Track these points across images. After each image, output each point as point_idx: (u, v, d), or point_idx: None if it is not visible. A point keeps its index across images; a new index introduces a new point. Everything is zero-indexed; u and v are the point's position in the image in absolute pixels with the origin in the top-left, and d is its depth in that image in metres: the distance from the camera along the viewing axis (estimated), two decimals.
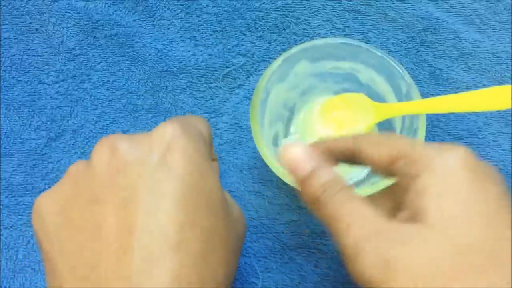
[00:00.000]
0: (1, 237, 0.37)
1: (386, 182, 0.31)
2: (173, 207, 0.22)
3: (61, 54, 0.41)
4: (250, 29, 0.42)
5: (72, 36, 0.42)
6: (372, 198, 0.28)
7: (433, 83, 0.40)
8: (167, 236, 0.22)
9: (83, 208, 0.23)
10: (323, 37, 0.41)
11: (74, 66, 0.41)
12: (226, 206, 0.25)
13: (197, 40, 0.41)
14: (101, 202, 0.23)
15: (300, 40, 0.41)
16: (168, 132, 0.24)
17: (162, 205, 0.22)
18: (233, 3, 0.42)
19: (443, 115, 0.38)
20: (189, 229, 0.22)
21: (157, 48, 0.41)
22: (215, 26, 0.42)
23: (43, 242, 0.24)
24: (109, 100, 0.40)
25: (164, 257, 0.21)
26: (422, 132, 0.32)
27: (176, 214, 0.22)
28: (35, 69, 0.41)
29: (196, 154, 0.24)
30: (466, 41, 0.41)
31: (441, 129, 0.38)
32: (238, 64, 0.41)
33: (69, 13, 0.42)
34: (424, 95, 0.39)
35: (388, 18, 0.42)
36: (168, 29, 0.42)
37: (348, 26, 0.41)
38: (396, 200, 0.25)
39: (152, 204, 0.22)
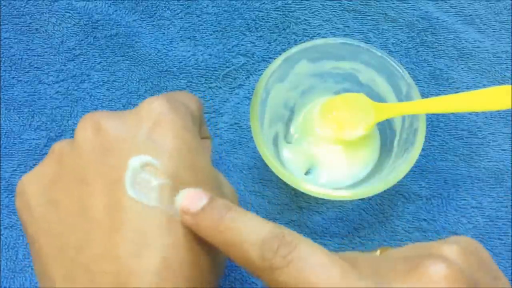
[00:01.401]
0: (1, 237, 0.37)
1: (386, 184, 0.31)
2: None
3: (61, 54, 0.41)
4: (250, 29, 0.42)
5: (72, 36, 0.42)
6: None
7: (433, 83, 0.40)
8: (156, 215, 0.21)
9: (69, 188, 0.22)
10: (323, 37, 0.41)
11: (74, 66, 0.41)
12: (217, 185, 0.25)
13: (197, 40, 0.41)
14: (88, 181, 0.22)
15: (300, 40, 0.41)
16: (155, 108, 0.23)
17: None
18: (233, 3, 0.42)
19: (443, 115, 0.38)
20: None
21: (157, 48, 0.41)
22: (215, 26, 0.42)
23: (28, 224, 0.23)
24: (109, 100, 0.40)
25: (154, 237, 0.21)
26: (422, 132, 0.32)
27: None
28: (35, 69, 0.41)
29: (184, 131, 0.23)
30: (466, 41, 0.41)
31: (441, 129, 0.38)
32: (238, 64, 0.41)
33: (69, 13, 0.42)
34: (424, 95, 0.39)
35: (388, 18, 0.42)
36: (168, 29, 0.42)
37: (348, 26, 0.41)
38: None
39: None
